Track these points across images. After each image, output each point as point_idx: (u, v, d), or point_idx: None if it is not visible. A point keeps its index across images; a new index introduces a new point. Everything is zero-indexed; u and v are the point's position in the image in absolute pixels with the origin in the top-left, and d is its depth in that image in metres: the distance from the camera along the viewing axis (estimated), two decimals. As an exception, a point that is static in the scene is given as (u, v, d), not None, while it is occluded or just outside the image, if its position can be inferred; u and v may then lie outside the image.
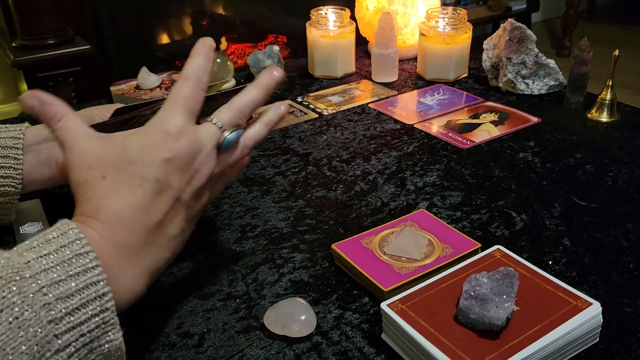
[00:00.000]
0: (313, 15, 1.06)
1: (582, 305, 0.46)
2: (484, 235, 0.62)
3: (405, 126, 0.88)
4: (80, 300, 0.37)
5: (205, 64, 0.49)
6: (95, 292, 0.38)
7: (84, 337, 0.37)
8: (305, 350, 0.49)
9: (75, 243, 0.39)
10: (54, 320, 0.35)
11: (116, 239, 0.42)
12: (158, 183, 0.44)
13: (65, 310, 0.36)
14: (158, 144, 0.45)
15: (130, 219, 0.43)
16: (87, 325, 0.37)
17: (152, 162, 0.44)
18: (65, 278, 0.37)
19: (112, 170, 0.44)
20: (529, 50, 0.93)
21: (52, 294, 0.36)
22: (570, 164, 0.75)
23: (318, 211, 0.67)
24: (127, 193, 0.43)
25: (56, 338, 0.35)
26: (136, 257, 0.43)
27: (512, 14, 3.15)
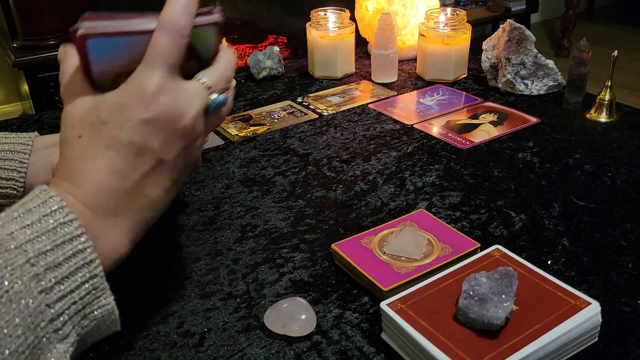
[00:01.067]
0: (313, 16, 1.06)
1: (581, 305, 0.46)
2: (483, 235, 0.62)
3: (405, 126, 0.89)
4: (69, 268, 0.37)
5: (184, 6, 0.44)
6: (82, 260, 0.38)
7: (75, 305, 0.37)
8: (305, 350, 0.49)
9: (58, 212, 0.38)
10: (44, 290, 0.35)
11: (94, 203, 0.41)
12: (133, 145, 0.42)
13: (55, 279, 0.36)
14: (133, 104, 0.42)
15: (106, 182, 0.41)
16: (77, 293, 0.37)
17: (126, 124, 0.41)
18: (51, 247, 0.37)
19: (88, 129, 0.42)
20: (528, 50, 0.94)
21: (40, 264, 0.36)
22: (569, 164, 0.75)
23: (318, 211, 0.68)
24: (102, 155, 0.41)
25: (48, 307, 0.35)
26: (116, 219, 0.42)
27: (511, 15, 3.15)
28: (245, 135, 0.87)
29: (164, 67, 0.43)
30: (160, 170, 0.43)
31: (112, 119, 0.42)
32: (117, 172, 0.41)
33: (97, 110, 0.42)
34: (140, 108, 0.42)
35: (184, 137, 0.44)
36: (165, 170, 0.44)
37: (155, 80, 0.42)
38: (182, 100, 0.43)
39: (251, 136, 0.87)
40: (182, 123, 0.43)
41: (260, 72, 1.07)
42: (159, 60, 0.43)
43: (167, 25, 0.43)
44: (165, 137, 0.43)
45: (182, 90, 0.44)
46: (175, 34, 0.43)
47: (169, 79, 0.43)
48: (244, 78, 1.10)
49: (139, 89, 0.42)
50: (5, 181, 0.59)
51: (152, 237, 0.64)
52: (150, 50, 0.43)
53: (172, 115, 0.43)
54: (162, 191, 0.44)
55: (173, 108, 0.43)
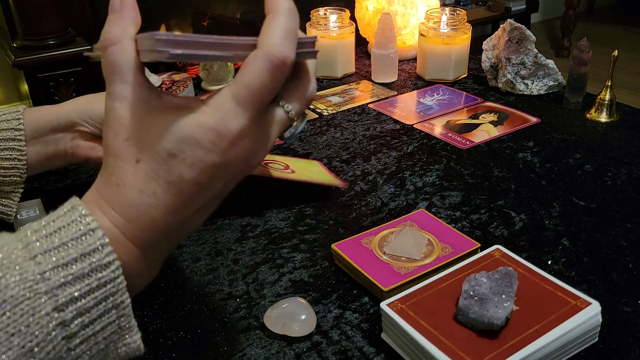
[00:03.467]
0: (313, 15, 1.06)
1: (581, 305, 0.46)
2: (483, 235, 0.62)
3: (405, 126, 0.89)
4: (97, 312, 0.34)
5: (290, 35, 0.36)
6: (112, 302, 0.35)
7: (98, 344, 0.35)
8: (305, 350, 0.49)
9: (97, 252, 0.34)
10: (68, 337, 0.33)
11: (141, 239, 0.36)
12: (198, 187, 0.37)
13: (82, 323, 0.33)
14: (210, 145, 0.36)
15: (161, 220, 0.37)
16: (101, 334, 0.35)
17: (198, 164, 0.36)
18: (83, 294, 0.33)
19: (149, 156, 0.36)
20: (528, 50, 0.94)
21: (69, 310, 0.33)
22: (569, 164, 0.75)
23: (318, 211, 0.67)
24: (162, 192, 0.36)
25: (69, 351, 0.33)
26: (157, 250, 0.38)
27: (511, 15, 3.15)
28: (245, 135, 0.87)
29: (256, 108, 0.36)
30: (212, 202, 0.39)
31: (181, 154, 0.36)
32: (174, 211, 0.37)
33: (165, 136, 0.36)
34: (217, 151, 0.36)
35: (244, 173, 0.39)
36: (217, 202, 0.40)
37: (242, 123, 0.36)
38: (262, 140, 0.38)
39: (251, 136, 0.87)
40: (254, 163, 0.39)
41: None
42: (253, 100, 0.36)
43: (272, 58, 0.35)
44: (231, 176, 0.38)
45: (265, 128, 0.38)
46: (278, 71, 0.36)
47: (255, 121, 0.37)
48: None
49: (221, 130, 0.36)
50: (8, 170, 0.62)
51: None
52: (246, 83, 0.36)
53: (247, 158, 0.38)
54: (205, 218, 0.40)
55: (251, 152, 0.38)
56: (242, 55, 0.36)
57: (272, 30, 0.36)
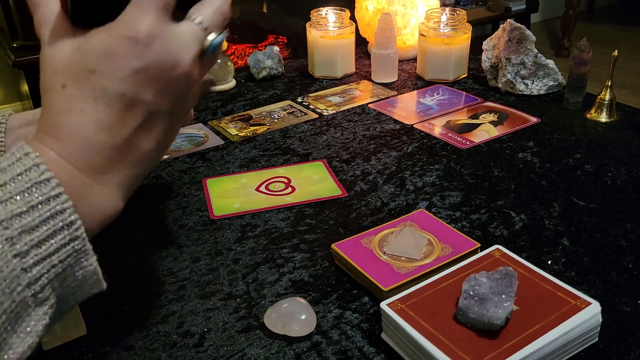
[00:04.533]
0: (313, 15, 1.06)
1: (581, 305, 0.46)
2: (483, 235, 0.62)
3: (405, 126, 0.89)
4: (47, 231, 0.34)
5: None
6: (62, 221, 0.35)
7: (55, 268, 0.35)
8: (305, 350, 0.49)
9: (33, 170, 0.35)
10: (19, 254, 0.33)
11: (80, 160, 0.37)
12: (124, 98, 0.37)
13: (31, 242, 0.34)
14: (124, 51, 0.37)
15: (94, 137, 0.37)
16: (57, 256, 0.35)
17: (117, 74, 0.37)
18: (27, 209, 0.34)
19: (73, 78, 0.38)
20: (528, 50, 0.94)
21: (14, 227, 0.33)
22: (569, 164, 0.75)
23: (318, 211, 0.67)
24: (89, 108, 0.37)
25: (25, 272, 0.33)
26: (104, 176, 0.38)
27: (511, 15, 3.15)
28: (245, 135, 0.87)
29: (158, 8, 0.38)
30: (152, 122, 0.40)
31: (100, 68, 0.37)
32: (107, 127, 0.38)
33: (83, 56, 0.38)
34: (132, 56, 0.37)
35: (179, 86, 0.40)
36: (158, 123, 0.40)
37: (148, 24, 0.38)
38: (176, 45, 0.39)
39: (251, 136, 0.87)
40: (177, 71, 0.39)
41: (260, 72, 1.07)
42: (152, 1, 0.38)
43: None
44: (158, 87, 0.39)
45: (176, 34, 0.39)
46: None
47: (162, 22, 0.38)
48: (244, 78, 1.10)
49: (130, 34, 0.37)
50: None
51: (152, 237, 0.64)
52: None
53: (167, 63, 0.38)
54: (154, 144, 0.41)
55: (167, 55, 0.38)
56: None
57: None
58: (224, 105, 0.98)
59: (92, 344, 0.50)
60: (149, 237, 0.64)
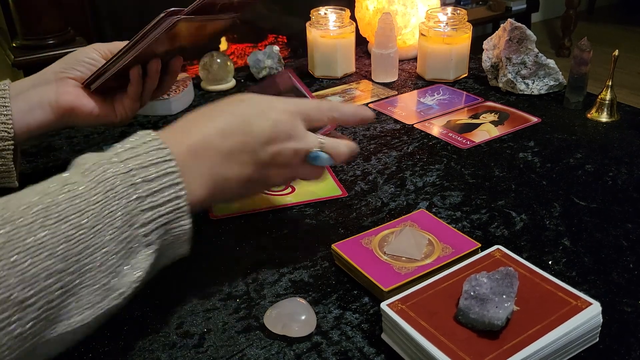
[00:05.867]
0: (313, 15, 1.06)
1: (582, 305, 0.46)
2: (483, 235, 0.62)
3: (405, 126, 0.88)
4: (160, 185, 0.43)
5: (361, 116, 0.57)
6: (170, 181, 0.44)
7: (161, 218, 0.43)
8: (305, 350, 0.49)
9: (154, 141, 0.45)
10: (140, 198, 0.42)
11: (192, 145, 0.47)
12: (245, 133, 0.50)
13: (149, 191, 0.43)
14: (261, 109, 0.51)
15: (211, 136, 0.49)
16: (165, 208, 0.43)
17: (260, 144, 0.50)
18: (147, 165, 0.43)
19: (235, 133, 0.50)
20: (529, 50, 0.94)
21: (138, 176, 0.42)
22: (570, 164, 0.75)
23: (318, 211, 0.67)
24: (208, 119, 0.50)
25: (142, 213, 0.42)
26: (201, 163, 0.48)
27: (512, 14, 3.15)
28: (245, 135, 0.87)
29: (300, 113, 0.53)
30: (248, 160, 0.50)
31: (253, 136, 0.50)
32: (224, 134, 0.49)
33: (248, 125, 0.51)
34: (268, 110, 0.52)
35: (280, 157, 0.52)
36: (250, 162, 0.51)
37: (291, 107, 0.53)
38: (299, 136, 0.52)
39: (251, 136, 0.87)
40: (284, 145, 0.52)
41: (260, 72, 1.07)
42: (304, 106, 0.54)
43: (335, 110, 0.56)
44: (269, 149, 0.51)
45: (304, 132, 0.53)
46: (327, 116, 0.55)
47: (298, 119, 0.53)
48: (244, 78, 1.09)
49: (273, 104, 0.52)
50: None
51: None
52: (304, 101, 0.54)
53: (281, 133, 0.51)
54: (238, 175, 0.51)
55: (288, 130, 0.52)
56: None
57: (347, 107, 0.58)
58: (224, 105, 0.98)
59: (92, 344, 0.50)
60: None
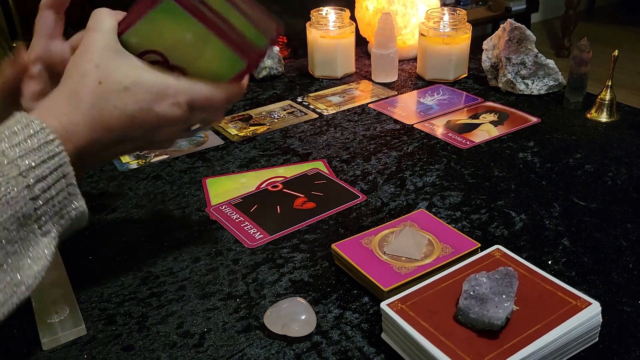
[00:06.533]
0: (313, 15, 1.06)
1: (582, 305, 0.46)
2: (483, 235, 0.62)
3: (405, 126, 0.88)
4: (52, 180, 0.44)
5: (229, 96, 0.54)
6: (62, 172, 0.45)
7: (55, 207, 0.45)
8: (305, 350, 0.49)
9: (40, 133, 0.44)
10: (34, 198, 0.43)
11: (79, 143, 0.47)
12: (133, 119, 0.49)
13: (41, 189, 0.43)
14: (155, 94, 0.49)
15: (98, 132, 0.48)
16: (57, 198, 0.45)
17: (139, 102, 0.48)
18: (38, 163, 0.44)
19: (110, 83, 0.48)
20: (529, 50, 0.94)
21: (30, 177, 0.43)
22: (569, 164, 0.75)
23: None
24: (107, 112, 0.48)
25: (36, 210, 0.43)
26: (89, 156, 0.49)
27: (511, 15, 3.15)
28: (245, 135, 0.87)
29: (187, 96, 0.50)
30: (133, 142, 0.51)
31: (133, 89, 0.48)
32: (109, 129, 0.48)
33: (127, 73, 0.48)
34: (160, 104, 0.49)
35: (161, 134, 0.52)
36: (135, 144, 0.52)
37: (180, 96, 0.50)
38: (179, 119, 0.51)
39: (251, 136, 0.87)
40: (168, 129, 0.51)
41: (260, 72, 1.07)
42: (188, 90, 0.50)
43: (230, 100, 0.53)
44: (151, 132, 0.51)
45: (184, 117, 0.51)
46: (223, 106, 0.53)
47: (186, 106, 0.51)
48: (244, 78, 1.09)
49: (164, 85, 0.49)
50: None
51: (152, 237, 0.64)
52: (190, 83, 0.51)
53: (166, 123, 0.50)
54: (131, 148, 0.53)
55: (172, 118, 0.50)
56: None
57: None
58: (224, 105, 0.98)
59: (92, 344, 0.50)
60: (149, 237, 0.64)
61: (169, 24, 0.48)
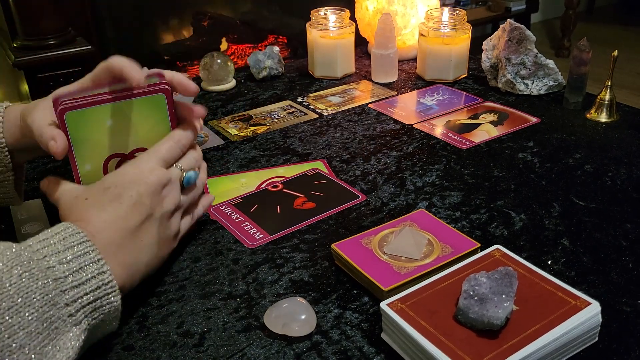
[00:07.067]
0: (313, 15, 1.06)
1: (581, 305, 0.46)
2: (483, 235, 0.62)
3: (405, 126, 0.89)
4: (80, 264, 0.46)
5: (192, 137, 0.60)
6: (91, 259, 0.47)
7: (87, 295, 0.46)
8: (305, 350, 0.49)
9: (75, 235, 0.48)
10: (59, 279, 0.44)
11: (101, 236, 0.50)
12: (132, 199, 0.53)
13: (69, 271, 0.45)
14: (132, 173, 0.54)
15: (112, 222, 0.51)
16: (89, 284, 0.46)
17: (127, 185, 0.53)
18: (62, 250, 0.46)
19: (93, 193, 0.53)
20: (528, 50, 0.94)
21: (53, 260, 0.45)
22: (569, 164, 0.75)
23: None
24: (109, 206, 0.52)
25: (63, 293, 0.44)
26: (117, 250, 0.51)
27: (511, 15, 3.15)
28: (245, 135, 0.87)
29: (158, 160, 0.56)
30: (151, 222, 0.54)
31: (115, 184, 0.53)
32: (120, 216, 0.52)
33: (102, 182, 0.54)
34: (139, 176, 0.54)
35: (168, 201, 0.56)
36: (155, 224, 0.54)
37: (152, 164, 0.55)
38: (166, 176, 0.56)
39: (251, 136, 0.87)
40: (165, 191, 0.55)
41: (260, 72, 1.07)
42: (155, 156, 0.56)
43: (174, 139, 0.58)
44: (154, 198, 0.54)
45: (166, 171, 0.56)
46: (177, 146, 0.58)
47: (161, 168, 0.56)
48: (244, 78, 1.10)
49: (138, 166, 0.55)
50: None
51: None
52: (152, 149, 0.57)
53: (159, 184, 0.55)
54: (153, 241, 0.54)
55: (160, 180, 0.55)
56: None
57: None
58: (224, 105, 0.98)
59: (92, 344, 0.50)
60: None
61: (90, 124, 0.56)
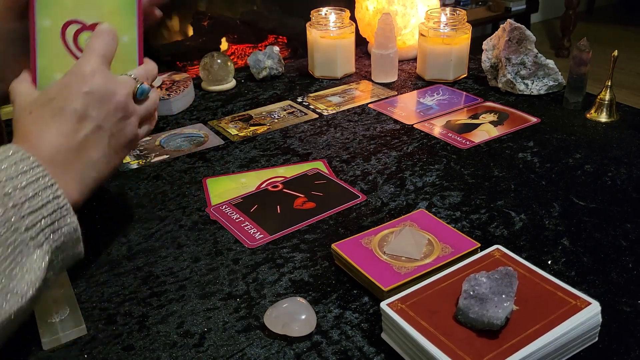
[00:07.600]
0: (313, 16, 1.06)
1: (581, 305, 0.46)
2: (483, 235, 0.62)
3: (405, 126, 0.89)
4: (34, 190, 0.45)
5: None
6: (44, 184, 0.46)
7: (45, 219, 0.45)
8: (305, 350, 0.49)
9: (25, 160, 0.46)
10: (16, 205, 0.43)
11: (46, 157, 0.49)
12: (77, 112, 0.51)
13: (24, 197, 0.44)
14: (75, 81, 0.51)
15: (56, 141, 0.50)
16: (46, 209, 0.45)
17: (70, 96, 0.51)
18: (17, 175, 0.45)
19: (38, 106, 0.51)
20: (528, 50, 0.94)
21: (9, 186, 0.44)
22: (569, 164, 0.75)
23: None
24: (51, 122, 0.50)
25: (23, 218, 0.43)
26: (64, 170, 0.50)
27: (511, 15, 3.15)
28: (245, 135, 0.87)
29: (98, 57, 0.53)
30: (99, 135, 0.52)
31: (58, 95, 0.51)
32: (64, 133, 0.50)
33: (45, 93, 0.52)
34: (81, 83, 0.51)
35: (118, 110, 0.54)
36: (103, 136, 0.53)
37: (93, 64, 0.52)
38: (114, 83, 0.54)
39: (251, 136, 0.87)
40: (116, 99, 0.53)
41: (260, 72, 1.07)
42: (93, 53, 0.53)
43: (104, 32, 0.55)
44: (102, 108, 0.52)
45: (113, 77, 0.54)
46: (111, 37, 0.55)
47: (103, 67, 0.53)
48: (244, 78, 1.10)
49: (79, 70, 0.52)
50: None
51: (152, 237, 0.64)
52: (86, 48, 0.54)
53: (107, 91, 0.52)
54: (102, 154, 0.53)
55: (107, 86, 0.53)
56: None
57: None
58: (224, 105, 0.98)
59: (92, 344, 0.50)
60: (149, 237, 0.64)
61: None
